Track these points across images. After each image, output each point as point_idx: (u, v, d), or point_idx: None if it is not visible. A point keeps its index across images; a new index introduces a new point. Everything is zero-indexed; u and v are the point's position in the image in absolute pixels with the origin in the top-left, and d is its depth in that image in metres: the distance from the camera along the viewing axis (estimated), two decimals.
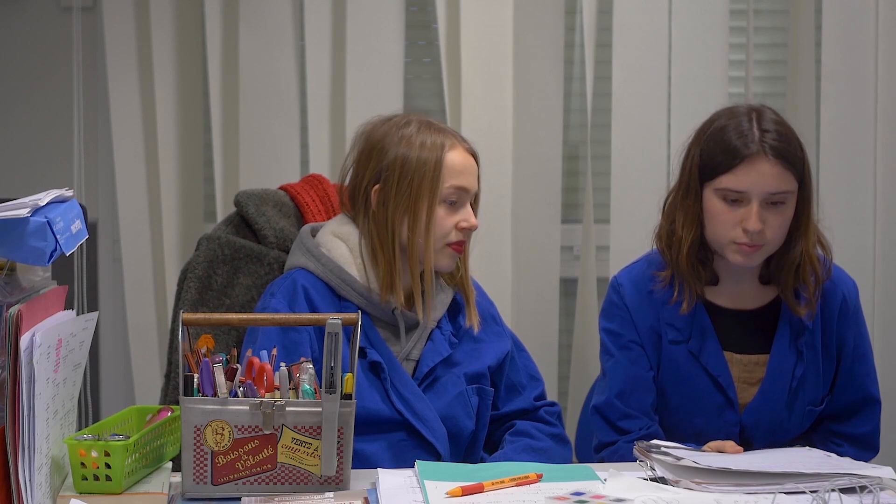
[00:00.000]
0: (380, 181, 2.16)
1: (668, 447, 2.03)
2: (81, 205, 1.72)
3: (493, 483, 1.79)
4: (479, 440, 2.26)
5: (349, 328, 1.90)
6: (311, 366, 1.84)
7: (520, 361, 2.34)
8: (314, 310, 2.14)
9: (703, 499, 1.75)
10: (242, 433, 1.77)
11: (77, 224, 1.64)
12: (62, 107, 3.28)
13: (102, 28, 3.20)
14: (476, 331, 2.23)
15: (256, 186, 2.55)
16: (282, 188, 2.50)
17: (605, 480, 1.82)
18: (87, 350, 1.80)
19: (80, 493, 1.70)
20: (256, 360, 1.83)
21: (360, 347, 2.10)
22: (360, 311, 1.95)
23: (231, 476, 1.77)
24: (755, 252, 2.20)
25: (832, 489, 1.70)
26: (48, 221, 1.53)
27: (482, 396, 2.24)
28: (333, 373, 1.76)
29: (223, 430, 1.76)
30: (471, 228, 2.17)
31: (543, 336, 3.18)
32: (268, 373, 1.81)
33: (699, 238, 2.26)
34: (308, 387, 1.80)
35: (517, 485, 1.81)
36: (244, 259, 2.36)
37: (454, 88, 3.17)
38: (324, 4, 3.16)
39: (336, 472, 1.79)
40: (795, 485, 1.78)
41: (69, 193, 1.66)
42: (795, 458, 1.97)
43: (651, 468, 1.90)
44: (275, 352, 1.86)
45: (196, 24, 3.24)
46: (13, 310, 1.54)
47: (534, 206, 3.19)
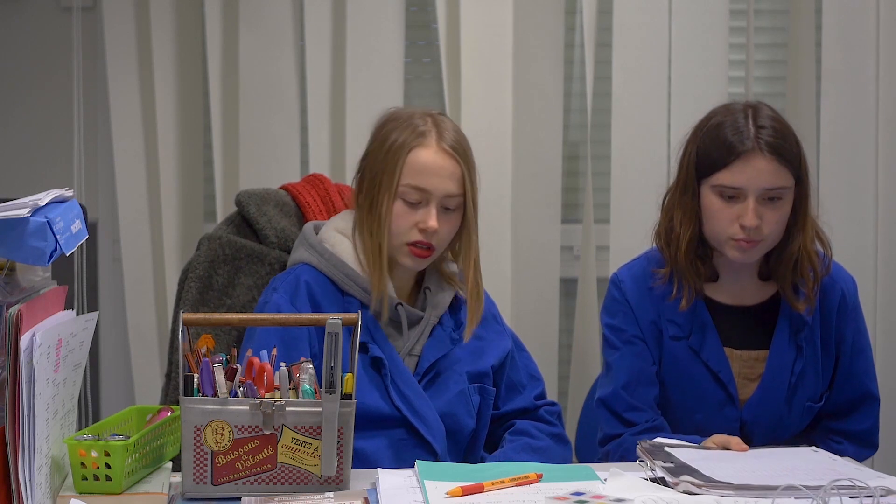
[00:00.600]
0: (362, 173, 2.20)
1: (673, 446, 2.03)
2: (81, 205, 1.71)
3: (493, 483, 1.79)
4: (480, 439, 2.26)
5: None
6: (311, 366, 1.84)
7: (520, 361, 2.34)
8: (316, 305, 2.14)
9: (704, 499, 1.75)
10: (242, 433, 1.77)
11: (77, 224, 1.64)
12: (62, 107, 3.28)
13: (102, 28, 3.20)
14: (465, 341, 2.22)
15: (256, 186, 2.55)
16: (283, 188, 2.50)
17: (605, 480, 1.82)
18: (87, 350, 1.80)
19: (80, 493, 1.70)
20: (256, 360, 1.83)
21: (362, 342, 2.11)
22: (363, 307, 1.95)
23: (231, 476, 1.77)
24: (753, 248, 2.21)
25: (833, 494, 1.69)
26: (48, 221, 1.53)
27: (483, 396, 2.24)
28: (333, 373, 1.76)
29: (223, 430, 1.76)
30: (427, 230, 2.11)
31: (543, 336, 3.18)
32: (268, 373, 1.81)
33: (697, 235, 2.27)
34: (308, 387, 1.80)
35: (517, 485, 1.81)
36: (245, 259, 2.36)
37: (454, 88, 3.17)
38: (324, 4, 3.16)
39: (336, 472, 1.79)
40: (797, 500, 1.77)
41: (69, 193, 1.66)
42: (801, 465, 1.95)
43: (651, 468, 1.91)
44: (275, 352, 1.85)
45: (196, 24, 3.24)
46: (13, 310, 1.54)
47: (534, 206, 3.19)
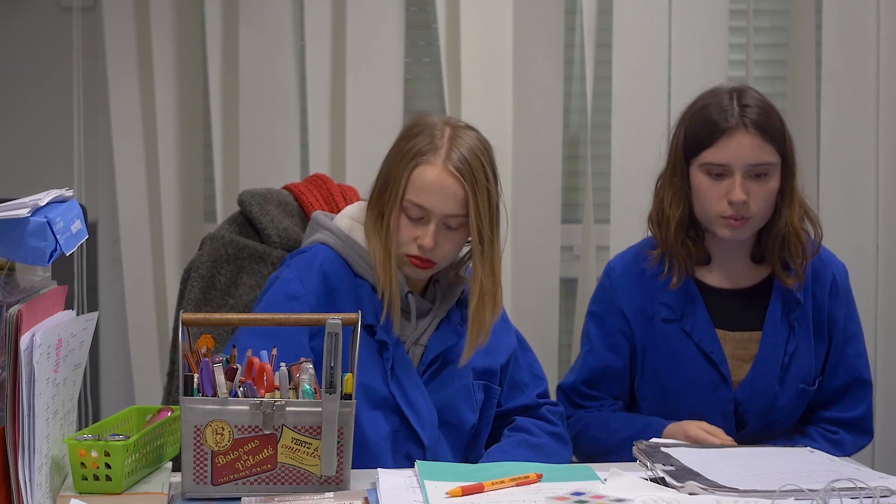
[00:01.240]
0: (379, 172, 2.21)
1: (669, 445, 2.04)
2: (81, 205, 1.71)
3: (493, 483, 1.79)
4: (482, 437, 2.26)
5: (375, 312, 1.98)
6: (311, 366, 1.84)
7: (523, 360, 2.34)
8: (328, 284, 2.14)
9: (704, 499, 1.75)
10: (242, 433, 1.77)
11: (77, 224, 1.64)
12: (62, 107, 3.28)
13: (102, 28, 3.20)
14: (462, 364, 2.20)
15: (256, 186, 2.55)
16: (285, 188, 2.50)
17: (605, 480, 1.82)
18: (87, 350, 1.80)
19: (80, 493, 1.70)
20: (256, 360, 1.83)
21: (370, 325, 2.13)
22: (373, 291, 2.03)
23: (231, 476, 1.77)
24: (742, 225, 2.26)
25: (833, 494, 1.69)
26: (48, 221, 1.53)
27: (488, 394, 2.24)
28: (333, 373, 1.76)
29: (223, 430, 1.76)
30: (423, 248, 2.11)
31: (543, 336, 3.18)
32: (268, 373, 1.81)
33: (687, 215, 2.32)
34: (308, 387, 1.80)
35: (517, 485, 1.81)
36: (248, 258, 2.36)
37: (454, 88, 3.17)
38: (324, 4, 3.16)
39: (336, 472, 1.79)
40: (797, 501, 1.77)
41: (69, 193, 1.66)
42: (801, 467, 1.96)
43: (651, 469, 1.91)
44: (275, 352, 1.86)
45: (196, 24, 3.24)
46: (13, 310, 1.54)
47: (534, 206, 3.19)
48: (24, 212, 1.52)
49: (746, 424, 2.33)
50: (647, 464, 1.93)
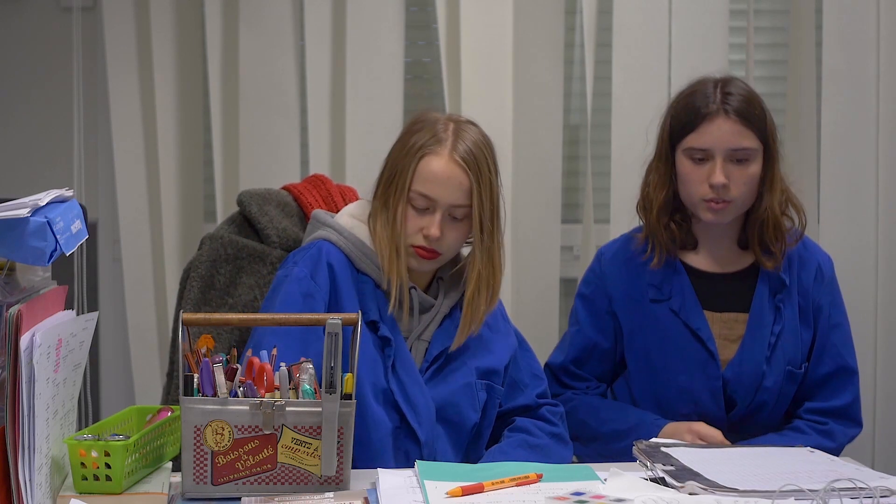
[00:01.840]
0: (384, 167, 2.23)
1: (669, 445, 2.04)
2: (81, 205, 1.71)
3: (493, 483, 1.79)
4: (484, 437, 2.26)
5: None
6: (311, 366, 1.84)
7: (523, 360, 2.35)
8: (334, 281, 2.16)
9: (704, 499, 1.75)
10: (242, 433, 1.77)
11: (77, 224, 1.64)
12: (62, 107, 3.28)
13: (102, 28, 3.20)
14: (452, 349, 2.22)
15: (256, 186, 2.55)
16: (285, 188, 2.51)
17: (605, 480, 1.82)
18: (87, 350, 1.80)
19: (80, 493, 1.70)
20: (256, 360, 1.83)
21: (373, 321, 2.15)
22: (376, 287, 2.06)
23: (231, 476, 1.77)
24: (724, 209, 2.34)
25: (833, 494, 1.69)
26: (48, 221, 1.53)
27: (491, 393, 2.25)
28: (333, 373, 1.76)
29: (223, 430, 1.76)
30: (429, 237, 2.15)
31: (543, 336, 3.18)
32: (268, 373, 1.81)
33: (671, 198, 2.40)
34: (308, 387, 1.80)
35: (517, 485, 1.81)
36: (247, 258, 2.36)
37: (454, 88, 3.17)
38: (324, 4, 3.16)
39: (336, 472, 1.79)
40: (797, 501, 1.77)
41: (69, 193, 1.66)
42: (801, 467, 1.96)
43: (651, 469, 1.91)
44: (275, 352, 1.86)
45: (196, 24, 3.24)
46: (13, 310, 1.54)
47: (534, 206, 3.19)
48: (24, 212, 1.52)
49: (735, 405, 2.38)
50: (647, 464, 1.93)
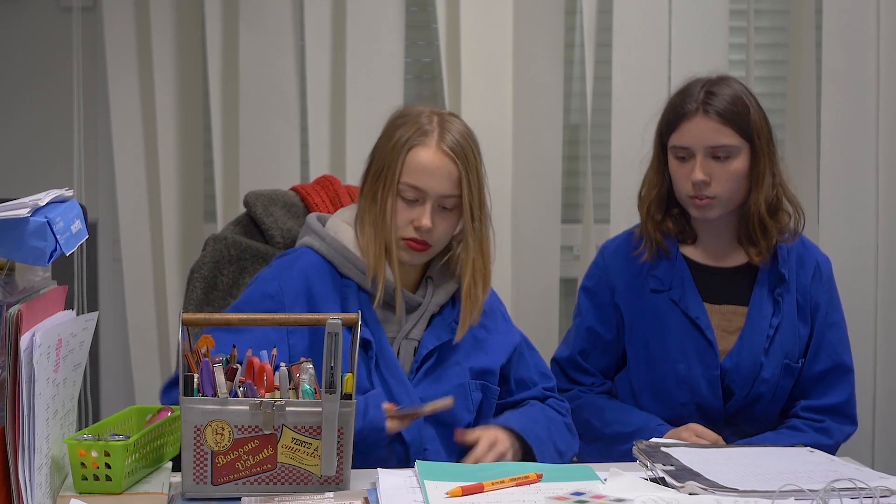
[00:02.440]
0: (369, 165, 2.23)
1: (669, 445, 2.04)
2: (81, 205, 1.72)
3: (493, 483, 1.79)
4: None
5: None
6: (311, 366, 1.84)
7: (530, 360, 2.35)
8: (308, 287, 2.16)
9: (704, 499, 1.75)
10: (242, 433, 1.77)
11: (77, 224, 1.64)
12: (62, 107, 3.28)
13: (102, 28, 3.20)
14: (455, 341, 2.22)
15: (256, 186, 2.56)
16: (293, 189, 2.52)
17: (605, 480, 1.82)
18: (87, 350, 1.80)
19: (80, 493, 1.70)
20: (256, 360, 1.83)
21: None
22: (360, 290, 2.09)
23: (231, 476, 1.77)
24: (708, 205, 2.39)
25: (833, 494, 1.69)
26: (48, 221, 1.53)
27: (486, 394, 2.24)
28: (333, 373, 1.76)
29: (223, 430, 1.76)
30: (420, 228, 2.15)
31: (543, 336, 3.17)
32: (268, 373, 1.81)
33: (663, 195, 2.47)
34: (308, 387, 1.80)
35: (517, 485, 1.81)
36: (250, 259, 2.37)
37: (454, 88, 3.17)
38: (324, 4, 3.16)
39: (336, 472, 1.79)
40: (797, 501, 1.77)
41: (69, 193, 1.66)
42: (801, 467, 1.96)
43: (651, 469, 1.91)
44: (275, 352, 1.86)
45: (196, 24, 3.24)
46: (13, 310, 1.54)
47: (534, 206, 3.19)
48: (24, 212, 1.52)
49: (733, 395, 2.41)
50: (647, 464, 1.93)
